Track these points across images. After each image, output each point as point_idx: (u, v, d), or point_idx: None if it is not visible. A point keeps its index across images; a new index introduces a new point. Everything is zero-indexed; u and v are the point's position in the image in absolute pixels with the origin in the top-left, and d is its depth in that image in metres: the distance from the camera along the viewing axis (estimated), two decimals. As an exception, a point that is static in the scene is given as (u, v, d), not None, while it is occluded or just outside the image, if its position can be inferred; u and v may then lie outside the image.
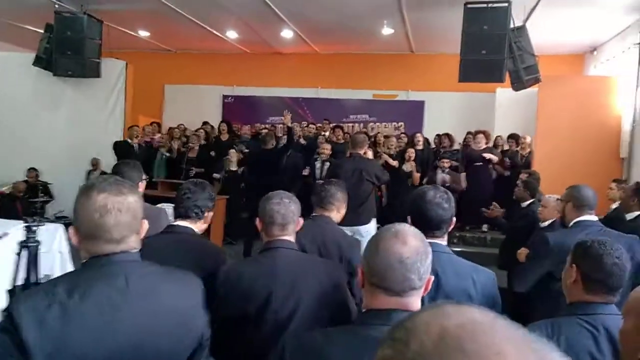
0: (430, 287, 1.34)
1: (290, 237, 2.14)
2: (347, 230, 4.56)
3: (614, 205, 4.74)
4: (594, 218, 2.95)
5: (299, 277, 2.02)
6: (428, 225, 1.95)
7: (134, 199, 1.41)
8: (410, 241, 1.30)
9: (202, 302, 1.50)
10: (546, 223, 3.95)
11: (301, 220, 2.20)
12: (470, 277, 1.93)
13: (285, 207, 2.10)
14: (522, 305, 2.97)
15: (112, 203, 1.36)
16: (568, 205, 3.02)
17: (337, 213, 2.97)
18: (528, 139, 8.02)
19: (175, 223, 2.34)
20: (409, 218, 2.03)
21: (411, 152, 7.66)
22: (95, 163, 8.43)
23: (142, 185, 2.99)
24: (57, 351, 1.23)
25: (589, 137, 7.11)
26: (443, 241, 2.01)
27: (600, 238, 1.91)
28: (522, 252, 3.90)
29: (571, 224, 2.98)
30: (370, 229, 5.08)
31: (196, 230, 2.38)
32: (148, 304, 1.37)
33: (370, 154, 7.37)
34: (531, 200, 4.69)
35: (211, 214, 2.41)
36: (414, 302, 1.30)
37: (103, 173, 8.36)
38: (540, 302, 2.85)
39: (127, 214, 1.37)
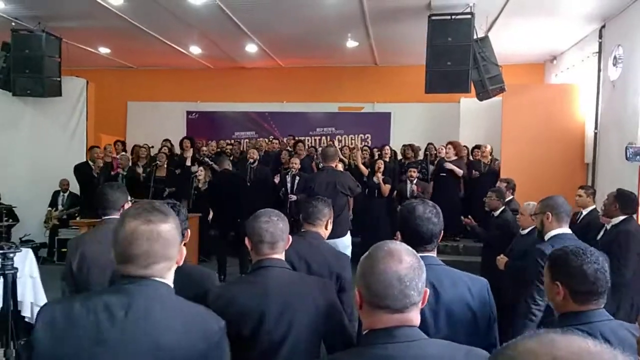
0: (427, 299, 1.35)
1: (280, 256, 2.09)
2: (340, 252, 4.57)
3: (585, 212, 4.88)
4: (569, 231, 3.02)
5: (292, 297, 1.97)
6: (420, 240, 1.96)
7: (165, 228, 1.42)
8: (405, 258, 1.31)
9: (214, 347, 1.42)
10: (526, 230, 4.02)
11: (290, 238, 2.16)
12: (466, 286, 1.95)
13: (274, 225, 2.06)
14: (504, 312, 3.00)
15: (140, 232, 1.38)
16: (546, 216, 3.04)
17: (324, 229, 2.98)
18: (489, 148, 8.25)
19: None
20: (398, 234, 2.05)
21: (380, 164, 7.73)
22: (64, 184, 8.20)
23: (127, 205, 2.91)
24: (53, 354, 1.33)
25: (553, 144, 7.35)
26: (434, 253, 2.03)
27: (572, 248, 1.90)
28: (501, 260, 3.97)
29: (549, 237, 2.99)
30: (346, 241, 5.08)
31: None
32: (142, 336, 1.34)
33: (340, 167, 7.43)
34: (502, 209, 4.78)
35: (189, 232, 2.33)
36: (415, 316, 1.32)
37: (71, 195, 8.13)
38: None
39: (156, 242, 1.39)
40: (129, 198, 2.99)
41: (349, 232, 5.20)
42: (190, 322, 1.41)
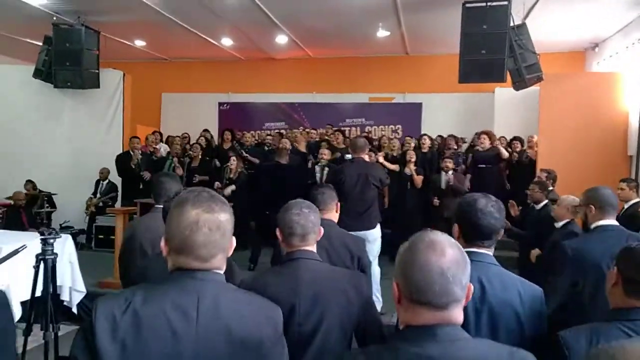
0: (470, 295, 1.28)
1: (312, 247, 2.09)
2: (356, 234, 4.55)
3: (627, 205, 4.72)
4: (615, 222, 2.87)
5: (323, 289, 1.97)
6: (479, 235, 1.87)
7: (225, 217, 1.39)
8: (448, 251, 1.23)
9: (279, 337, 1.45)
10: (561, 223, 3.89)
11: (322, 230, 2.15)
12: (517, 291, 1.84)
13: (305, 217, 2.06)
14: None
15: (203, 220, 1.35)
16: (589, 209, 2.90)
17: (335, 213, 2.99)
18: (535, 138, 7.80)
19: None
20: (456, 226, 1.95)
21: (411, 155, 7.57)
22: (103, 172, 8.40)
23: None
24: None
25: (594, 135, 7.05)
26: (490, 251, 1.92)
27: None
28: (534, 253, 3.86)
29: (593, 227, 2.88)
30: (375, 233, 5.05)
31: None
32: (215, 331, 1.32)
33: (367, 158, 7.34)
34: (544, 202, 4.63)
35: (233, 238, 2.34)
36: (457, 314, 1.24)
37: (110, 183, 8.34)
38: (569, 314, 2.79)
39: (217, 232, 1.36)
40: (182, 188, 3.05)
41: (378, 224, 5.16)
42: (256, 312, 1.40)
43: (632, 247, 1.78)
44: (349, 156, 6.75)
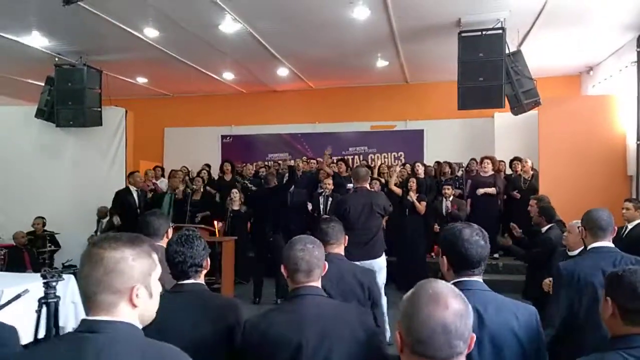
0: (472, 345, 1.27)
1: (317, 283, 2.08)
2: (361, 264, 4.53)
3: (630, 226, 4.68)
4: (609, 244, 2.88)
5: (330, 326, 1.94)
6: (468, 264, 1.90)
7: (112, 254, 1.30)
8: (451, 304, 1.23)
9: None
10: (575, 252, 3.82)
11: (327, 265, 2.15)
12: (512, 313, 1.86)
13: (310, 253, 2.05)
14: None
15: (90, 254, 1.30)
16: (582, 231, 2.99)
17: (342, 247, 2.99)
18: (529, 162, 8.01)
19: (181, 282, 2.22)
20: (444, 258, 1.97)
21: (412, 182, 7.61)
22: (102, 211, 8.40)
23: (170, 233, 2.99)
24: None
25: (594, 157, 7.10)
26: (480, 278, 1.95)
27: (631, 267, 1.87)
28: (547, 283, 3.81)
29: (588, 249, 2.92)
30: (381, 262, 5.02)
31: (202, 282, 2.29)
32: None
33: (376, 187, 7.37)
34: (549, 226, 4.61)
35: (208, 261, 2.32)
36: None
37: (110, 220, 8.32)
38: (567, 331, 2.79)
39: (99, 267, 1.28)
40: (171, 224, 3.04)
41: (383, 253, 5.14)
42: None
43: (619, 274, 1.80)
44: (350, 186, 6.77)
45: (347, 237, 3.04)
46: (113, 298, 1.29)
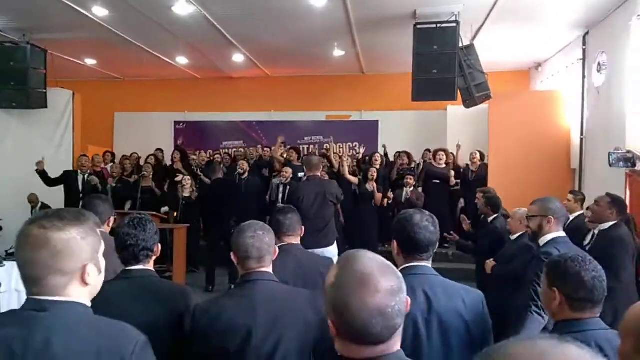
0: (409, 306, 1.21)
1: (268, 268, 2.07)
2: (315, 253, 4.54)
3: (572, 217, 4.91)
4: (564, 234, 2.98)
5: (280, 311, 1.95)
6: (417, 249, 1.95)
7: (58, 236, 1.24)
8: (382, 284, 1.14)
9: None
10: (515, 236, 4.03)
11: (277, 250, 2.14)
12: (460, 297, 1.93)
13: (260, 240, 2.04)
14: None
15: (30, 236, 1.24)
16: (548, 220, 2.93)
17: (299, 238, 2.97)
18: (478, 155, 8.26)
19: (130, 268, 2.16)
20: (394, 242, 2.02)
21: (373, 172, 7.72)
22: (33, 199, 8.04)
23: (112, 220, 2.89)
24: None
25: (540, 150, 7.39)
26: (429, 263, 2.01)
27: (571, 254, 1.93)
28: (489, 264, 3.97)
29: (546, 240, 2.93)
30: (333, 250, 5.05)
31: (152, 269, 2.23)
32: None
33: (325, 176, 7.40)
34: (495, 216, 4.78)
35: (159, 246, 2.27)
36: (398, 341, 1.20)
37: (44, 207, 7.97)
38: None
39: (44, 250, 1.22)
40: (114, 213, 2.95)
41: (335, 241, 5.18)
42: (101, 346, 1.25)
43: (563, 264, 1.84)
44: (301, 174, 6.80)
45: (303, 227, 3.02)
46: (63, 280, 1.24)
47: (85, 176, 7.66)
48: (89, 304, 1.32)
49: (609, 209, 3.96)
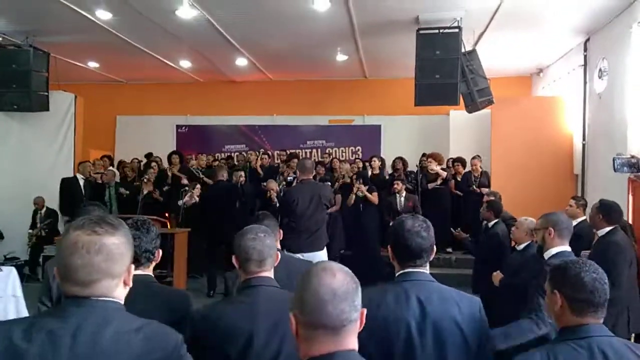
0: (364, 321, 1.31)
1: (269, 273, 2.05)
2: (306, 256, 4.55)
3: (574, 223, 4.88)
4: (569, 249, 2.96)
5: (282, 316, 1.91)
6: (410, 255, 1.93)
7: (111, 241, 1.31)
8: (339, 274, 1.28)
9: None
10: (522, 246, 3.96)
11: (279, 254, 2.12)
12: (455, 304, 1.91)
13: (261, 242, 2.03)
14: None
15: (81, 242, 1.29)
16: (549, 233, 2.95)
17: (278, 242, 2.91)
18: (479, 162, 8.16)
19: None
20: (389, 248, 2.01)
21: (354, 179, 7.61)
22: (39, 202, 8.02)
23: None
24: None
25: (542, 156, 7.38)
26: (425, 269, 1.98)
27: (573, 258, 1.93)
28: (496, 276, 3.93)
29: (550, 255, 2.92)
30: (323, 255, 5.04)
31: (151, 274, 2.22)
32: None
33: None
34: (496, 221, 4.75)
35: (159, 252, 2.27)
36: (352, 339, 1.27)
37: (48, 211, 7.96)
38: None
39: (98, 255, 1.29)
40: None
41: (325, 247, 5.17)
42: (145, 342, 1.32)
43: (563, 266, 1.83)
44: (290, 178, 6.80)
45: (281, 230, 3.01)
46: (113, 283, 1.33)
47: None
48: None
49: (597, 215, 3.97)
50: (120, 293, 1.37)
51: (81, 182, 7.82)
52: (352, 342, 1.26)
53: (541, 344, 1.91)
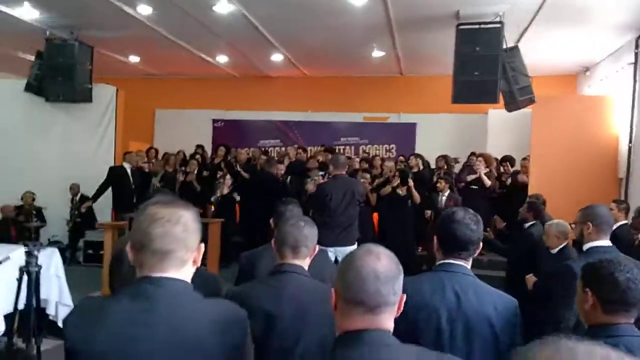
0: (402, 306, 1.32)
1: (302, 262, 2.06)
2: (338, 250, 4.52)
3: (614, 226, 4.69)
4: (609, 243, 2.83)
5: (307, 302, 1.94)
6: (455, 245, 1.93)
7: (188, 215, 1.38)
8: (383, 259, 1.31)
9: (240, 346, 1.46)
10: (556, 250, 3.83)
11: (317, 247, 2.12)
12: (491, 302, 1.88)
13: (299, 230, 2.05)
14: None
15: (162, 213, 1.34)
16: (587, 227, 2.83)
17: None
18: (509, 165, 7.94)
19: None
20: (435, 238, 2.00)
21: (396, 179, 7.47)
22: (74, 188, 8.29)
23: None
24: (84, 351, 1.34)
25: (585, 158, 7.07)
26: (467, 264, 1.96)
27: (607, 257, 1.87)
28: (530, 279, 3.82)
29: (586, 248, 2.81)
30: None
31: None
32: (170, 338, 1.32)
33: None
34: (532, 222, 4.62)
35: (202, 244, 2.29)
36: (388, 320, 1.28)
37: (82, 197, 8.20)
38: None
39: (177, 225, 1.34)
40: None
41: (356, 242, 5.13)
42: (216, 319, 1.39)
43: (597, 265, 1.79)
44: (321, 173, 6.77)
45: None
46: (187, 255, 1.37)
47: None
48: None
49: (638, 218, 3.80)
50: (189, 271, 1.41)
51: (128, 171, 8.03)
52: (387, 324, 1.28)
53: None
